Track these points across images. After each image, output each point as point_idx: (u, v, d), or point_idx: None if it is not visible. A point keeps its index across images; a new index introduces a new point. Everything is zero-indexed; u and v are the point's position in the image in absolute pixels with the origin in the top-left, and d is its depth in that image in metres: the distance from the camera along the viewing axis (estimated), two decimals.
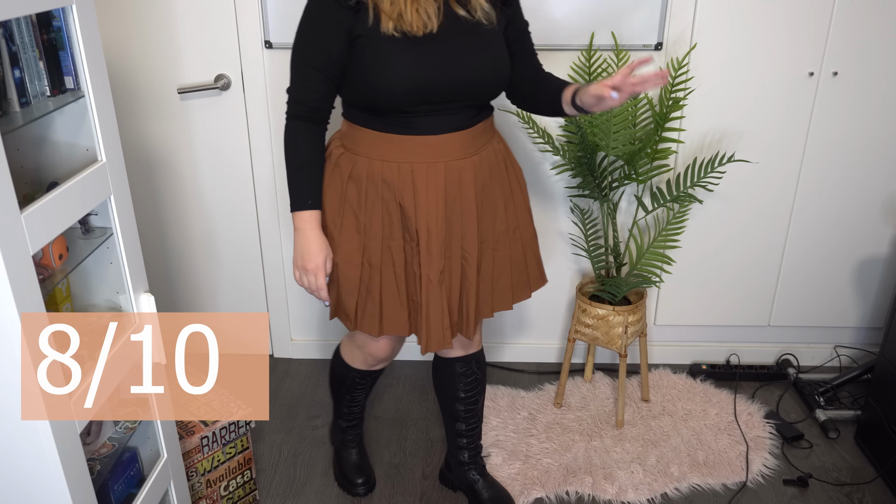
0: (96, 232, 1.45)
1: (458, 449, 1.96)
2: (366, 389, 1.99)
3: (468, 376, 1.85)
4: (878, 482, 2.08)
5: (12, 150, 1.33)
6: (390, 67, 1.46)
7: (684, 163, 2.31)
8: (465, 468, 1.97)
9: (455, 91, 1.51)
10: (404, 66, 1.46)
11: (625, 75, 1.42)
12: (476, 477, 1.97)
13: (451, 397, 1.89)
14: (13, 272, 1.09)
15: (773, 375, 2.53)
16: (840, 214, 2.39)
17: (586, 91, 1.51)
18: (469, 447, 1.96)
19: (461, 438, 1.94)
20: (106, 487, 1.47)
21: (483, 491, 1.96)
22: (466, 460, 1.97)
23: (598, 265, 2.31)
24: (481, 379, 1.89)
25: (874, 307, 2.53)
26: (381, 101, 1.50)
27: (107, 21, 2.18)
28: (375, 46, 1.46)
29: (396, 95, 1.48)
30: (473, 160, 1.60)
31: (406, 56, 1.46)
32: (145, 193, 2.42)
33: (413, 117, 1.52)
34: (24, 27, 1.21)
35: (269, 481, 2.10)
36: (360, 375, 1.92)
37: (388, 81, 1.47)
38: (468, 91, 1.53)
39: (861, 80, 2.21)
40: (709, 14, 2.14)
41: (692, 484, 2.07)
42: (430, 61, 1.47)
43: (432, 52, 1.47)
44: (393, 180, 1.56)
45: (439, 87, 1.49)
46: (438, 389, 1.92)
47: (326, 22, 1.47)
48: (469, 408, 1.90)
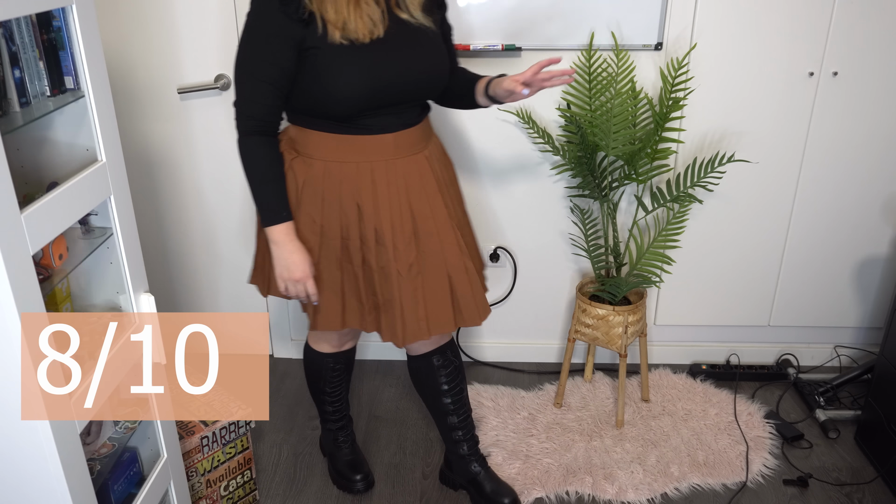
0: (96, 232, 1.45)
1: (455, 443, 1.97)
2: (342, 379, 1.99)
3: (447, 367, 1.87)
4: (878, 482, 2.08)
5: (12, 150, 1.33)
6: (342, 76, 1.49)
7: (684, 163, 2.32)
8: (466, 461, 1.97)
9: (406, 92, 1.57)
10: (356, 75, 1.49)
11: (534, 72, 1.54)
12: (478, 469, 1.97)
13: (435, 393, 1.90)
14: (13, 272, 1.09)
15: (773, 375, 2.54)
16: (840, 214, 2.39)
17: (499, 84, 1.62)
18: (466, 438, 1.96)
19: (456, 432, 1.95)
20: (106, 487, 1.47)
21: (486, 483, 1.96)
22: (467, 452, 1.97)
23: (598, 265, 2.31)
24: (460, 367, 1.91)
25: (874, 307, 2.53)
26: (333, 108, 1.53)
27: (107, 21, 2.18)
28: (326, 56, 1.48)
29: (349, 103, 1.52)
30: (426, 153, 1.67)
31: (356, 64, 1.49)
32: (145, 193, 2.42)
33: (366, 118, 1.56)
34: (24, 27, 1.21)
35: (269, 481, 2.10)
36: (331, 359, 1.94)
37: (340, 90, 1.50)
38: (418, 91, 1.60)
39: (861, 80, 2.21)
40: (709, 14, 2.14)
41: (692, 484, 2.07)
42: (380, 67, 1.51)
43: (381, 57, 1.51)
44: (351, 180, 1.59)
45: (391, 90, 1.54)
46: (422, 390, 1.93)
47: (276, 36, 1.47)
48: (456, 398, 1.91)
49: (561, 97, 2.25)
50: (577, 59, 2.20)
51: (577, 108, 2.20)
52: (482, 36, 2.17)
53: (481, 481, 1.96)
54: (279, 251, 1.60)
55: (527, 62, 2.21)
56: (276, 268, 1.61)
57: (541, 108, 2.28)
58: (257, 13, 1.49)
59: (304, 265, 1.60)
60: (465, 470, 1.98)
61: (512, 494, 1.95)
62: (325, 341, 1.92)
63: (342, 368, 1.98)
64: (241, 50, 1.51)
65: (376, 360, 2.67)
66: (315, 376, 1.99)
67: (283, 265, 1.60)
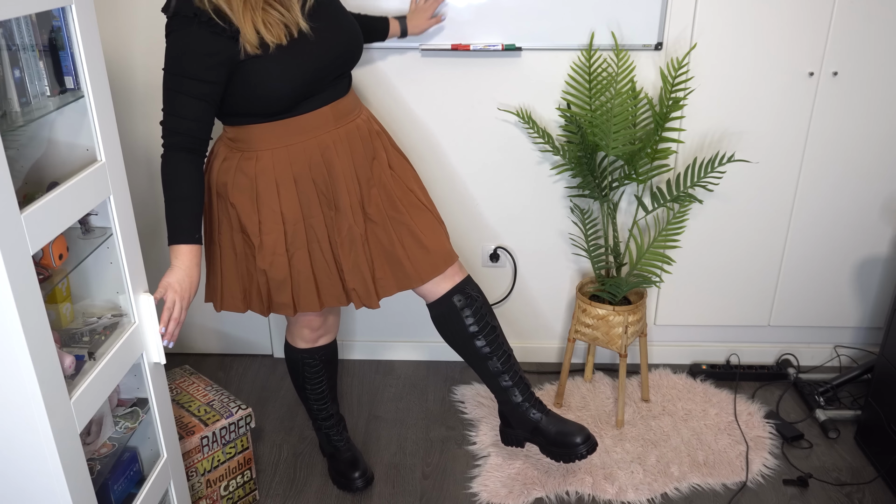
0: (96, 232, 1.45)
1: (506, 392, 1.84)
2: (322, 375, 1.99)
3: (471, 305, 1.79)
4: (878, 482, 2.08)
5: (12, 150, 1.33)
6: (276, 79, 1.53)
7: (684, 163, 2.32)
8: (523, 410, 1.84)
9: (334, 71, 1.64)
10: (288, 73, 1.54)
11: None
12: (538, 415, 1.84)
13: (465, 338, 1.80)
14: (13, 272, 1.09)
15: (773, 375, 2.54)
16: (840, 214, 2.39)
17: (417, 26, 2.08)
18: (517, 382, 1.84)
19: (502, 377, 1.83)
20: (106, 487, 1.47)
21: (550, 428, 1.83)
22: (521, 399, 1.84)
23: (598, 265, 2.31)
24: (484, 301, 1.82)
25: (874, 307, 2.53)
26: (270, 107, 1.58)
27: (107, 21, 2.18)
28: (258, 63, 1.51)
29: (285, 99, 1.57)
30: (363, 117, 1.75)
31: (287, 64, 1.54)
32: (145, 193, 2.42)
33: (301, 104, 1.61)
34: (24, 27, 1.21)
35: (269, 481, 2.10)
36: (307, 354, 1.95)
37: (275, 91, 1.55)
38: (343, 65, 1.67)
39: (861, 80, 2.21)
40: (709, 14, 2.14)
41: (692, 484, 2.07)
42: (309, 60, 1.57)
43: (307, 51, 1.56)
44: (301, 160, 1.63)
45: (321, 75, 1.61)
46: (452, 338, 1.83)
47: (205, 54, 1.48)
48: (489, 338, 1.81)
49: (561, 97, 2.25)
50: (577, 59, 2.20)
51: (577, 108, 2.20)
52: (482, 36, 2.17)
53: (544, 427, 1.83)
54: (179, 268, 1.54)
55: (527, 62, 2.21)
56: (169, 277, 1.53)
57: (541, 108, 2.28)
58: (184, 35, 1.48)
59: (191, 291, 1.55)
60: (525, 420, 1.85)
61: (583, 432, 1.82)
62: (299, 337, 1.93)
63: (320, 366, 1.97)
64: (171, 68, 1.50)
65: (376, 360, 2.67)
66: (295, 374, 2.00)
67: (177, 278, 1.53)
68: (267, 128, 1.61)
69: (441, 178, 2.38)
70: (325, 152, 1.65)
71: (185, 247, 1.55)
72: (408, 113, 2.29)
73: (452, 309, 1.79)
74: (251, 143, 1.63)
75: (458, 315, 1.79)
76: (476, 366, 1.85)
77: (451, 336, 1.83)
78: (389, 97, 2.27)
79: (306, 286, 1.71)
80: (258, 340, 2.68)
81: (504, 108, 2.27)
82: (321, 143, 1.65)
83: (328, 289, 1.73)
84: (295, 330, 1.93)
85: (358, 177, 1.70)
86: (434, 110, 2.28)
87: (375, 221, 1.73)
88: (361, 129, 1.72)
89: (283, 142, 1.62)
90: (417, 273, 1.75)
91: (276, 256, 1.67)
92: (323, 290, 1.74)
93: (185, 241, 1.55)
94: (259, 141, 1.62)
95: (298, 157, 1.64)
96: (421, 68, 2.23)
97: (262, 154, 1.63)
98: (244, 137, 1.63)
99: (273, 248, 1.67)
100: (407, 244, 1.75)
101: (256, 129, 1.61)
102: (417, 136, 2.32)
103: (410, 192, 1.79)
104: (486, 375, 1.85)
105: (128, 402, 1.60)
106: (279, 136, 1.62)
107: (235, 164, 1.64)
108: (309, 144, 1.64)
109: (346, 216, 1.69)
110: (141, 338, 1.51)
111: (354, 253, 1.72)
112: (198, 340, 2.68)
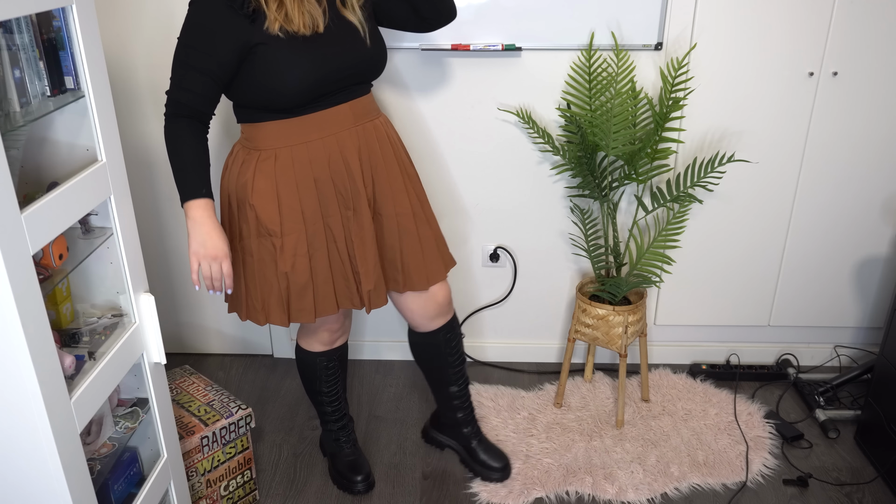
0: (96, 232, 1.45)
1: (452, 410, 2.04)
2: (337, 376, 1.99)
3: (452, 341, 1.95)
4: (878, 482, 2.08)
5: (12, 150, 1.33)
6: (290, 69, 1.52)
7: (684, 163, 2.32)
8: (461, 426, 2.06)
9: (351, 77, 1.63)
10: (303, 66, 1.53)
11: None
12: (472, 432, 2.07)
13: (440, 365, 1.97)
14: (13, 272, 1.09)
15: (773, 375, 2.54)
16: (840, 214, 2.39)
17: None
18: (464, 406, 2.04)
19: (454, 400, 2.03)
20: (106, 487, 1.47)
21: (478, 449, 2.06)
22: (463, 418, 2.05)
23: (598, 265, 2.31)
24: (461, 338, 2.00)
25: (874, 307, 2.53)
26: (282, 101, 1.56)
27: (107, 21, 2.18)
28: (272, 51, 1.51)
29: (297, 94, 1.55)
30: (381, 120, 1.75)
31: (302, 56, 1.53)
32: (145, 193, 2.42)
33: (315, 103, 1.60)
34: (24, 27, 1.21)
35: (269, 481, 2.10)
36: (325, 358, 1.95)
37: (288, 82, 1.53)
38: (361, 75, 1.66)
39: (861, 80, 2.21)
40: (709, 14, 2.14)
41: (692, 484, 2.07)
42: (325, 58, 1.56)
43: (325, 49, 1.56)
44: (320, 158, 1.63)
45: (333, 76, 1.58)
46: (426, 362, 1.99)
47: (220, 31, 1.48)
48: (458, 368, 1.99)
49: (561, 97, 2.25)
50: (577, 59, 2.20)
51: (577, 108, 2.20)
52: (482, 36, 2.17)
53: (475, 448, 2.06)
54: (197, 228, 1.55)
55: (527, 62, 2.21)
56: (192, 244, 1.56)
57: (541, 108, 2.28)
58: (202, 6, 1.49)
59: (221, 244, 1.56)
60: (459, 435, 2.06)
61: (503, 459, 2.04)
62: (317, 341, 1.92)
63: (336, 366, 1.98)
64: (183, 39, 1.51)
65: (376, 360, 2.67)
66: (310, 378, 1.98)
67: (199, 241, 1.55)
68: (283, 124, 1.60)
69: (441, 178, 2.38)
70: (343, 151, 1.64)
71: (195, 202, 1.55)
72: (408, 112, 2.29)
73: (439, 342, 1.94)
74: (268, 140, 1.61)
75: (442, 349, 1.94)
76: (436, 384, 2.03)
77: (426, 361, 2.00)
78: (389, 97, 2.27)
79: (325, 289, 1.70)
80: (258, 340, 2.68)
81: (504, 108, 2.27)
82: (340, 141, 1.64)
83: (344, 291, 1.74)
84: (313, 334, 1.91)
85: (374, 178, 1.70)
86: (434, 110, 2.28)
87: (385, 225, 1.74)
88: (379, 131, 1.72)
89: (301, 138, 1.61)
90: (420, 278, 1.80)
91: (297, 258, 1.65)
92: (340, 293, 1.74)
93: (193, 196, 1.55)
94: (276, 138, 1.61)
95: (318, 156, 1.62)
96: (421, 68, 2.23)
97: (280, 152, 1.61)
98: (261, 135, 1.62)
99: (294, 249, 1.65)
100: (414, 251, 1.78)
101: (272, 125, 1.60)
102: (417, 136, 2.32)
103: (419, 204, 1.81)
104: (442, 394, 2.04)
105: (128, 402, 1.60)
106: (296, 133, 1.60)
107: (254, 164, 1.63)
108: (328, 142, 1.62)
109: (362, 216, 1.68)
110: (141, 338, 1.51)
111: (371, 253, 1.72)
112: (198, 340, 2.68)
